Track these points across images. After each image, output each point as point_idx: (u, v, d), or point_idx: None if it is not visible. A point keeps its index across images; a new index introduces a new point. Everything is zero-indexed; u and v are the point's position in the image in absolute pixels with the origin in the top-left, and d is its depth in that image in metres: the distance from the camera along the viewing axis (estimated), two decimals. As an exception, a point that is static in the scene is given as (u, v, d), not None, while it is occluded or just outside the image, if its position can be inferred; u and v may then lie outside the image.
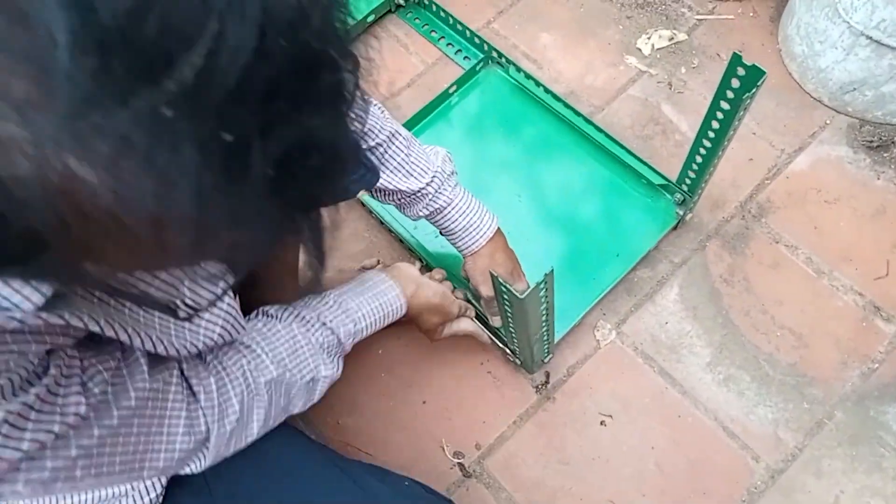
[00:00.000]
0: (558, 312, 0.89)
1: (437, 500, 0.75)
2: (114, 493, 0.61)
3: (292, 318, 0.70)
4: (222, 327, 0.58)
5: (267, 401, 0.63)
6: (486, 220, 0.89)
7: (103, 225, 0.25)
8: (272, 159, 0.26)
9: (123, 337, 0.46)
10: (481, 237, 0.89)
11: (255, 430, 0.63)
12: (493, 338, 0.95)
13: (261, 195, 0.27)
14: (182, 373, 0.57)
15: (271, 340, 0.66)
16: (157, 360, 0.53)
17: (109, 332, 0.45)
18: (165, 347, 0.52)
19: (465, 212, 0.88)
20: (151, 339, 0.50)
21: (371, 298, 0.78)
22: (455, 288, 0.94)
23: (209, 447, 0.58)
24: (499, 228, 0.92)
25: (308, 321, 0.71)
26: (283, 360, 0.66)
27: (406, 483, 0.74)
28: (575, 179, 1.11)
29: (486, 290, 0.92)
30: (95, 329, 0.43)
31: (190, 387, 0.57)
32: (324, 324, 0.72)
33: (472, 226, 0.89)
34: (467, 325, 0.92)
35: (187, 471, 0.58)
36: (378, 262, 1.07)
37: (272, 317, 0.70)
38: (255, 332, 0.66)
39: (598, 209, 1.08)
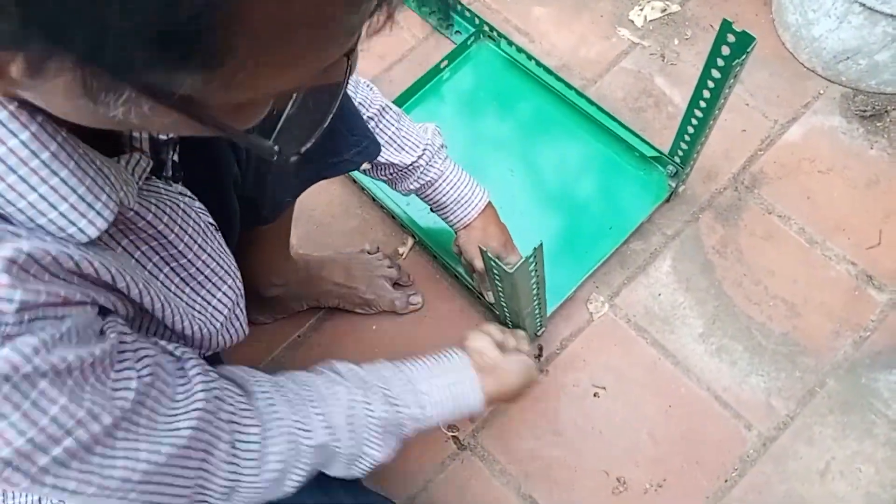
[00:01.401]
0: (551, 286, 0.89)
1: None
2: None
3: (357, 384, 0.66)
4: (228, 309, 0.56)
5: (308, 467, 0.59)
6: (476, 193, 0.89)
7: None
8: None
9: (157, 305, 0.46)
10: (472, 210, 0.89)
11: (290, 489, 0.58)
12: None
13: None
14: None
15: (329, 403, 0.62)
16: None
17: (146, 298, 0.44)
18: (187, 325, 0.50)
19: (455, 184, 0.88)
20: (177, 313, 0.49)
21: (445, 387, 0.71)
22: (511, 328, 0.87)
23: (231, 499, 0.53)
24: (490, 202, 0.91)
25: (373, 393, 0.66)
26: (337, 427, 0.61)
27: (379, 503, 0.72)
28: (567, 153, 1.10)
29: (480, 264, 0.92)
30: (134, 291, 0.43)
31: (234, 422, 0.53)
32: (388, 399, 0.66)
33: (462, 198, 0.88)
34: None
35: None
36: (378, 250, 1.06)
37: (339, 375, 0.66)
38: (314, 391, 0.62)
39: (591, 182, 1.08)
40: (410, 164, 0.84)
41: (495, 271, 0.69)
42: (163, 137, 0.49)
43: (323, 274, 1.00)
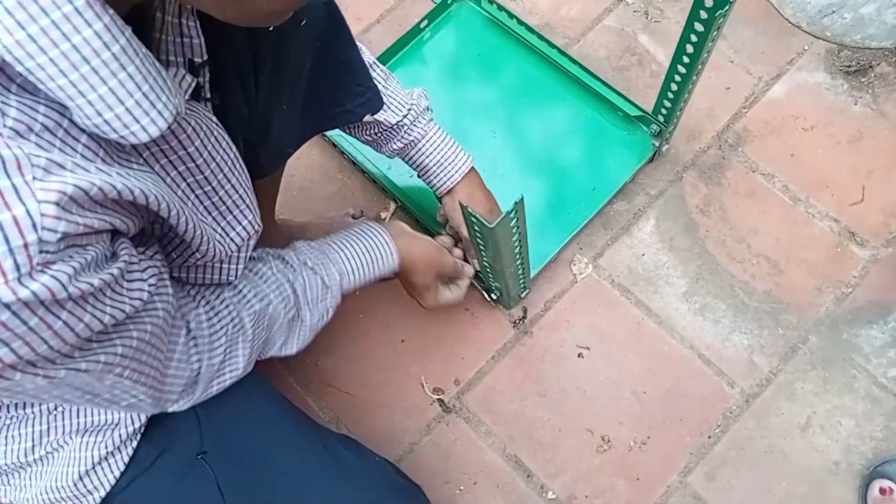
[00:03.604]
0: (534, 248, 0.89)
1: (402, 482, 0.74)
2: (107, 421, 0.61)
3: (274, 258, 0.69)
4: (244, 241, 0.59)
5: (251, 336, 0.62)
6: (460, 157, 0.88)
7: None
8: None
9: (189, 226, 0.48)
10: (455, 173, 0.88)
11: (240, 367, 0.62)
12: (475, 283, 0.95)
13: None
14: None
15: (252, 279, 0.65)
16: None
17: (181, 220, 0.46)
18: (204, 246, 0.52)
19: (438, 146, 0.86)
20: (204, 235, 0.51)
21: (356, 242, 0.75)
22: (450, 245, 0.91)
23: (199, 382, 0.57)
24: (474, 169, 0.90)
25: (289, 262, 0.69)
26: (267, 295, 0.64)
27: (377, 459, 0.73)
28: (550, 113, 1.09)
29: (466, 231, 0.91)
30: (166, 212, 0.44)
31: (183, 315, 0.56)
32: (305, 264, 0.70)
33: (446, 160, 0.87)
34: (460, 293, 0.89)
35: (175, 408, 0.57)
36: (362, 213, 1.05)
37: (255, 258, 0.69)
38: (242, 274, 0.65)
39: (574, 143, 1.06)
40: (395, 124, 0.83)
41: (476, 227, 0.68)
42: (198, 60, 0.50)
43: (305, 238, 0.99)
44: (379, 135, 0.85)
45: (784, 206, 1.02)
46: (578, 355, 0.96)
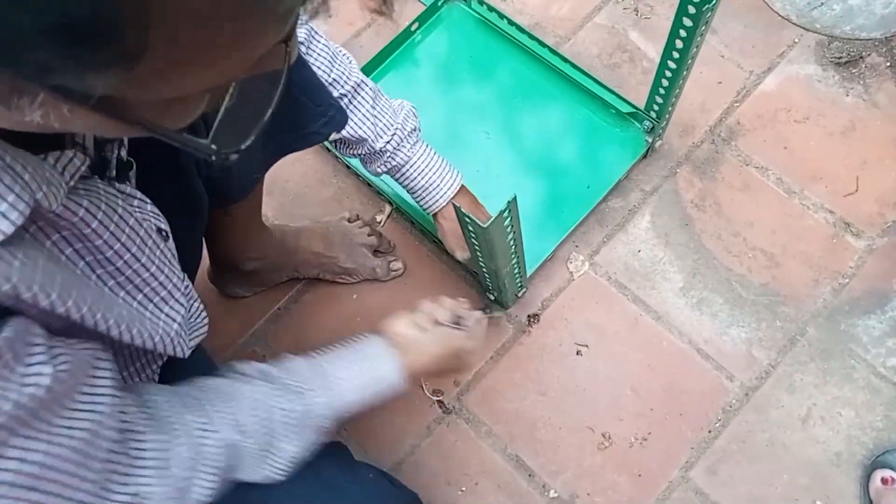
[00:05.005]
0: (530, 247, 0.88)
1: (398, 493, 0.70)
2: None
3: (262, 378, 0.61)
4: (179, 324, 0.53)
5: (218, 466, 0.54)
6: (446, 179, 0.86)
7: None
8: None
9: (75, 314, 0.41)
10: (440, 198, 0.86)
11: (201, 497, 0.54)
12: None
13: None
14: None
15: (232, 401, 0.57)
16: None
17: (60, 308, 0.39)
18: (121, 331, 0.46)
19: (423, 171, 0.85)
20: (106, 319, 0.44)
21: (360, 369, 0.66)
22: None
23: None
24: (465, 187, 0.88)
25: (280, 386, 0.60)
26: (242, 423, 0.56)
27: (371, 475, 0.69)
28: (543, 113, 1.09)
29: (461, 253, 0.90)
30: (45, 303, 0.38)
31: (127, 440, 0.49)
32: (297, 389, 0.61)
33: (430, 185, 0.85)
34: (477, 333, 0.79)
35: None
36: (358, 217, 1.04)
37: (241, 374, 0.61)
38: (214, 392, 0.58)
39: (568, 141, 1.06)
40: (378, 149, 0.82)
41: (470, 228, 0.68)
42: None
43: (301, 244, 0.99)
44: (363, 155, 0.84)
45: (779, 199, 1.02)
46: (577, 353, 0.96)
